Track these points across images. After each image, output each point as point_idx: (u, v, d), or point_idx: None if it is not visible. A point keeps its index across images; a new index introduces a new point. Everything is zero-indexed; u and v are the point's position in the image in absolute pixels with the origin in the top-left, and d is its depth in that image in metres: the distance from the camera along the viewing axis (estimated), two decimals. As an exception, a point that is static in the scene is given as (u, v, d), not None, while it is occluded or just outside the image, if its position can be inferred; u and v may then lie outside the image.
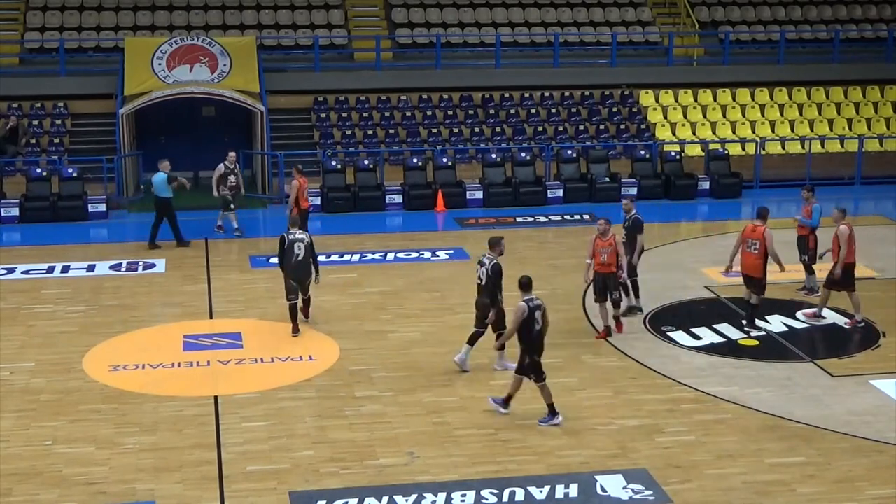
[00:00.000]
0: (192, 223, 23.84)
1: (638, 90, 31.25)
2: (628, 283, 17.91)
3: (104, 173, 26.48)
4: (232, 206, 23.86)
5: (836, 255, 17.48)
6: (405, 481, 12.32)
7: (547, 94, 30.92)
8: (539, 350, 13.78)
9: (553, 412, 13.83)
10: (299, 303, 17.37)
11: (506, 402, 14.08)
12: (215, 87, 27.89)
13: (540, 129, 29.89)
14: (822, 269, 18.46)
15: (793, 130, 30.73)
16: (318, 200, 26.43)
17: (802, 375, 15.60)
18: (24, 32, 30.50)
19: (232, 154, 24.34)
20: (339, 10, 32.19)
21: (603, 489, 12.18)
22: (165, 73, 27.98)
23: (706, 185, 28.08)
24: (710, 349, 16.64)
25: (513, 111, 30.37)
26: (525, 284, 13.95)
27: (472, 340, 15.69)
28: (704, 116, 30.86)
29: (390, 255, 22.18)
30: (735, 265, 17.50)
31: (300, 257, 17.07)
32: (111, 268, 21.27)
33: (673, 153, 28.78)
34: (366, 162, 27.58)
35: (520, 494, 12.02)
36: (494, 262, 15.48)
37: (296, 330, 17.18)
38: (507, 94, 30.71)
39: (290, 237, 17.19)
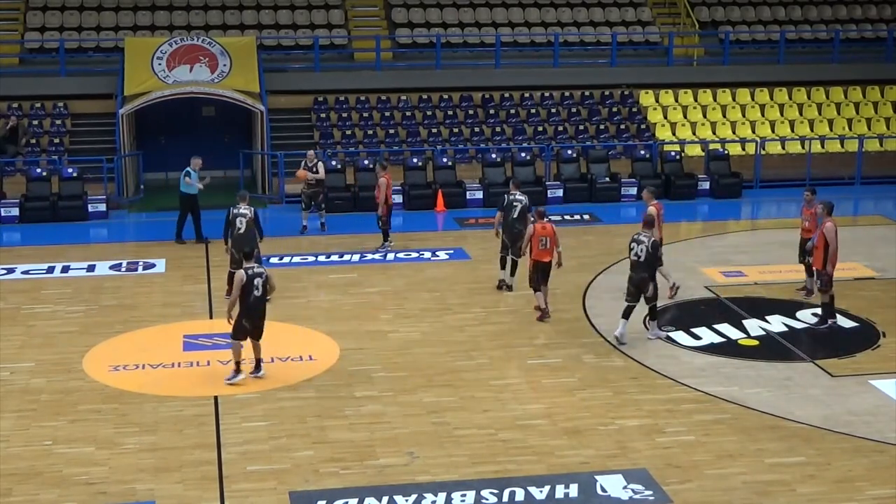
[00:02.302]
0: (191, 223, 23.79)
1: (638, 90, 31.25)
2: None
3: (104, 173, 26.48)
4: (310, 203, 23.94)
5: (823, 253, 17.25)
6: (405, 481, 12.32)
7: (547, 94, 30.92)
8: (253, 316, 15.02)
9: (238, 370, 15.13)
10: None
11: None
12: (215, 87, 27.89)
13: (540, 129, 29.90)
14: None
15: (793, 130, 30.72)
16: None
17: (802, 375, 15.60)
18: (24, 32, 30.49)
19: (311, 152, 24.28)
20: (339, 10, 32.19)
21: (603, 489, 12.18)
22: (165, 73, 27.98)
23: (706, 185, 28.08)
24: (711, 349, 16.64)
25: (513, 111, 30.37)
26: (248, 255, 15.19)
27: (627, 314, 16.75)
28: (704, 116, 30.86)
29: (390, 255, 22.17)
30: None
31: None
32: (111, 268, 21.27)
33: (673, 153, 28.79)
34: (366, 162, 27.59)
35: (520, 494, 12.02)
36: (653, 238, 16.69)
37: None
38: (507, 94, 30.71)
39: None
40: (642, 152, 28.78)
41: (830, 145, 30.30)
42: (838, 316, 17.84)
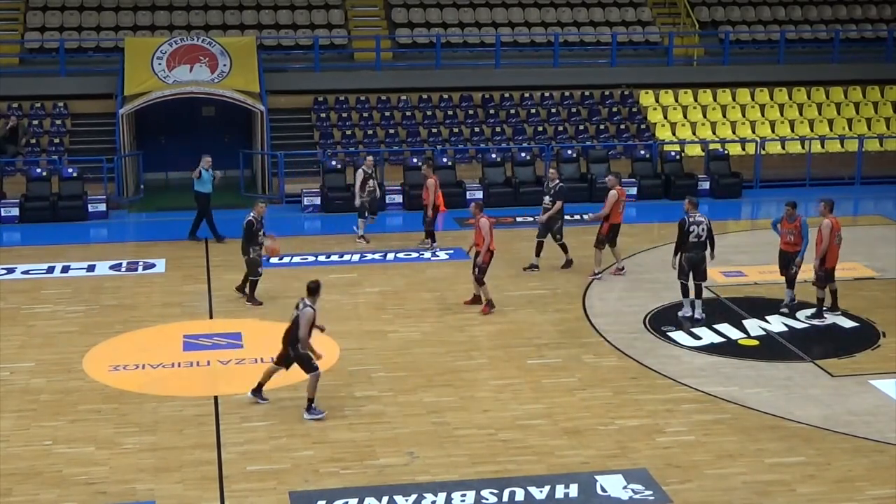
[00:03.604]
0: (191, 223, 23.79)
1: (638, 90, 31.24)
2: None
3: (104, 173, 26.48)
4: (368, 214, 23.26)
5: (819, 249, 17.52)
6: (405, 481, 12.32)
7: (547, 94, 30.92)
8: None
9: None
10: None
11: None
12: (215, 87, 27.89)
13: (540, 129, 29.89)
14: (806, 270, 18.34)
15: (793, 130, 30.72)
16: (318, 200, 26.45)
17: (802, 375, 15.60)
18: (24, 32, 30.48)
19: (370, 158, 24.05)
20: (339, 10, 32.19)
21: (603, 489, 12.18)
22: (165, 73, 27.98)
23: (706, 185, 28.07)
24: (710, 349, 16.64)
25: (513, 111, 30.37)
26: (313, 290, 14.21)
27: (685, 292, 17.98)
28: (704, 116, 30.86)
29: (390, 255, 22.17)
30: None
31: None
32: (111, 268, 21.27)
33: (673, 153, 28.78)
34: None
35: (520, 494, 12.02)
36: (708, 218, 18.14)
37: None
38: (507, 94, 30.70)
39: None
40: (642, 152, 28.78)
41: (830, 145, 30.29)
42: (839, 315, 17.86)
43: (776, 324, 17.72)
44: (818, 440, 13.43)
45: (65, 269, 21.16)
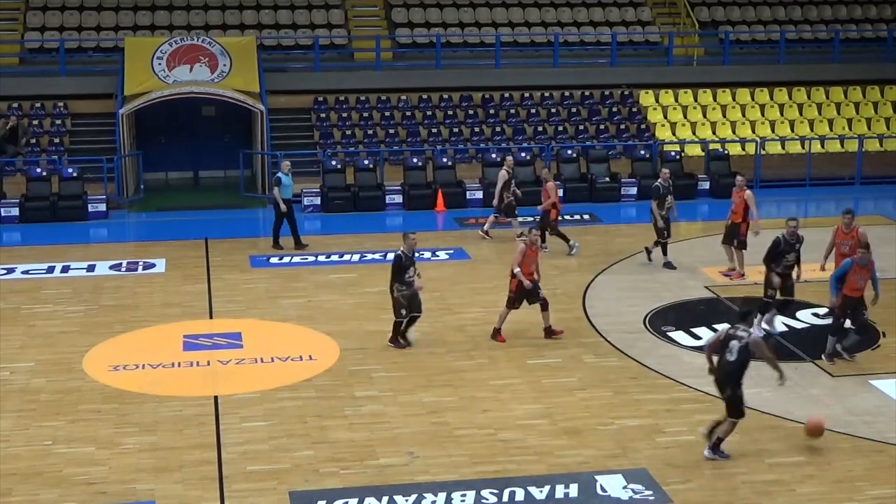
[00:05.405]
0: (191, 223, 23.85)
1: (638, 90, 31.24)
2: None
3: (104, 173, 26.49)
4: (509, 216, 23.11)
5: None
6: (405, 481, 12.32)
7: (547, 94, 30.92)
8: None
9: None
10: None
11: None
12: (215, 86, 27.90)
13: (540, 129, 29.90)
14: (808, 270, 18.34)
15: (793, 130, 30.72)
16: (318, 200, 26.46)
17: (802, 375, 15.59)
18: (24, 32, 30.49)
19: (510, 158, 23.98)
20: (339, 10, 32.19)
21: (603, 489, 12.18)
22: (165, 73, 27.98)
23: (706, 185, 28.08)
24: (710, 349, 16.61)
25: (513, 111, 30.37)
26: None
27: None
28: (704, 116, 30.86)
29: (390, 255, 22.11)
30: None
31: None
32: (111, 268, 21.27)
33: (673, 153, 28.78)
34: (366, 162, 27.59)
35: (520, 494, 12.01)
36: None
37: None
38: (507, 94, 30.70)
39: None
40: (642, 152, 28.78)
41: (830, 145, 30.29)
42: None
43: (775, 323, 17.69)
44: (818, 440, 13.41)
45: (65, 269, 21.16)
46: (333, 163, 27.27)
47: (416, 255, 21.31)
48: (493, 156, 27.92)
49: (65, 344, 16.92)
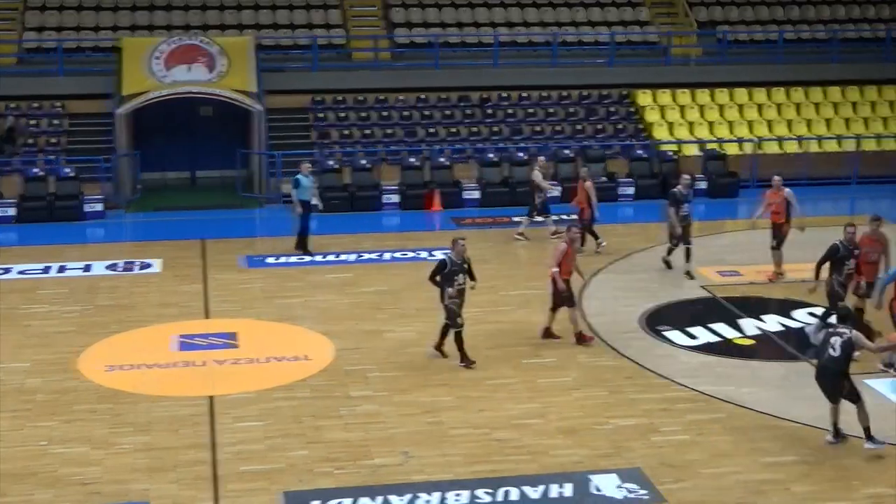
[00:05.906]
0: (188, 223, 23.84)
1: (635, 90, 31.22)
2: None
3: (101, 173, 26.47)
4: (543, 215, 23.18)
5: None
6: (400, 481, 12.31)
7: (545, 93, 30.90)
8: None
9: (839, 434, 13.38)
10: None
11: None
12: (213, 86, 27.89)
13: (537, 128, 29.89)
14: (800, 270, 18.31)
15: (790, 130, 30.72)
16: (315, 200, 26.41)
17: (798, 375, 15.57)
18: (22, 32, 30.47)
19: (542, 158, 23.98)
20: (337, 10, 32.18)
21: (597, 488, 12.17)
22: (163, 73, 27.97)
23: (703, 185, 28.06)
24: (706, 349, 16.64)
25: (510, 111, 30.36)
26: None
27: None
28: (702, 116, 30.85)
29: (387, 255, 22.17)
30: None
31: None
32: (107, 268, 21.26)
33: (670, 153, 28.77)
34: (363, 161, 27.58)
35: (514, 494, 12.01)
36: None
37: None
38: (504, 94, 30.69)
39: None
40: (639, 152, 28.77)
41: (828, 145, 30.29)
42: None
43: (772, 323, 17.71)
44: (813, 439, 13.41)
45: (61, 269, 21.16)
46: (330, 162, 27.27)
47: (413, 254, 21.28)
48: (491, 156, 27.90)
49: (61, 344, 16.91)
